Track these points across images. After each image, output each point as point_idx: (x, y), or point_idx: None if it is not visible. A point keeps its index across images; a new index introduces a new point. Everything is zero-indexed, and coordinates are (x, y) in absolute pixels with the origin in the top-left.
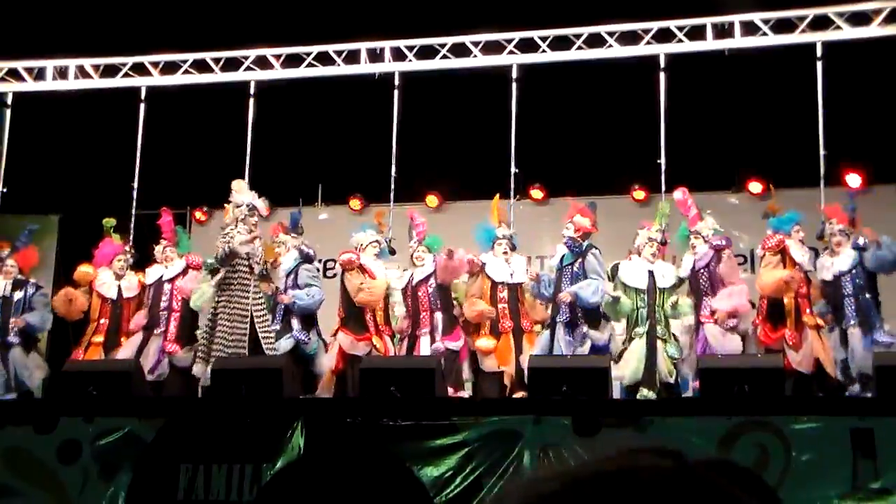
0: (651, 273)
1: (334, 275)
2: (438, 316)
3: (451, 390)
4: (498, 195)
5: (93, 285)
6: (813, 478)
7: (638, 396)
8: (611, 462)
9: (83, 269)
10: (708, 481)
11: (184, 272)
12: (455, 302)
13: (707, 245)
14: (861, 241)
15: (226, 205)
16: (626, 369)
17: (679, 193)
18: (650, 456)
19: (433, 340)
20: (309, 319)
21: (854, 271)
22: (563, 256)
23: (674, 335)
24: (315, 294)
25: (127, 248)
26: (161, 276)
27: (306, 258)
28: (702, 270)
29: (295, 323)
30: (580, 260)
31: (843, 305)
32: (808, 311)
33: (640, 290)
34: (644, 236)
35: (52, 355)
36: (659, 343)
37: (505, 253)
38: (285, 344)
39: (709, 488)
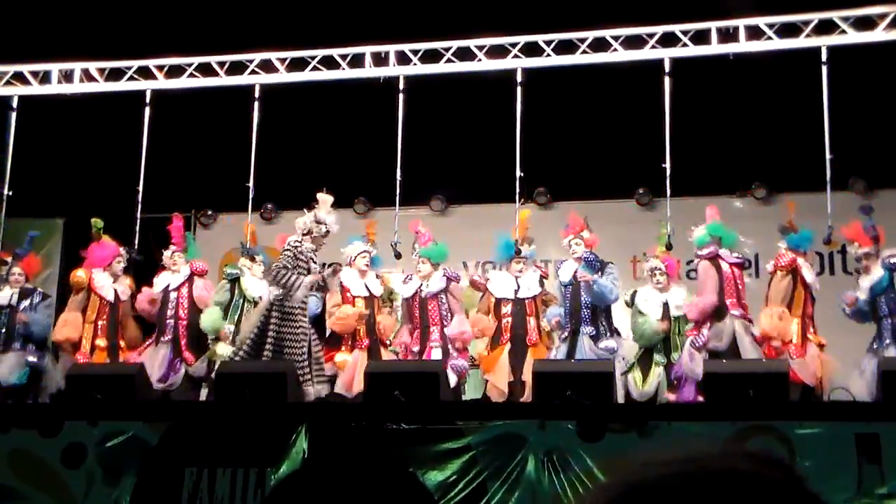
0: (665, 304)
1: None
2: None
3: None
4: (528, 210)
5: (91, 286)
6: (817, 483)
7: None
8: (718, 461)
9: (78, 275)
10: (817, 497)
11: (189, 280)
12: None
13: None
14: (890, 260)
15: (305, 210)
16: (646, 388)
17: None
18: (758, 463)
19: (445, 354)
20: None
21: (887, 293)
22: (577, 270)
23: None
24: (310, 305)
25: (122, 251)
26: (168, 285)
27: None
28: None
29: None
30: (598, 275)
31: (879, 327)
32: (811, 330)
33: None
34: (646, 269)
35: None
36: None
37: (520, 272)
38: None
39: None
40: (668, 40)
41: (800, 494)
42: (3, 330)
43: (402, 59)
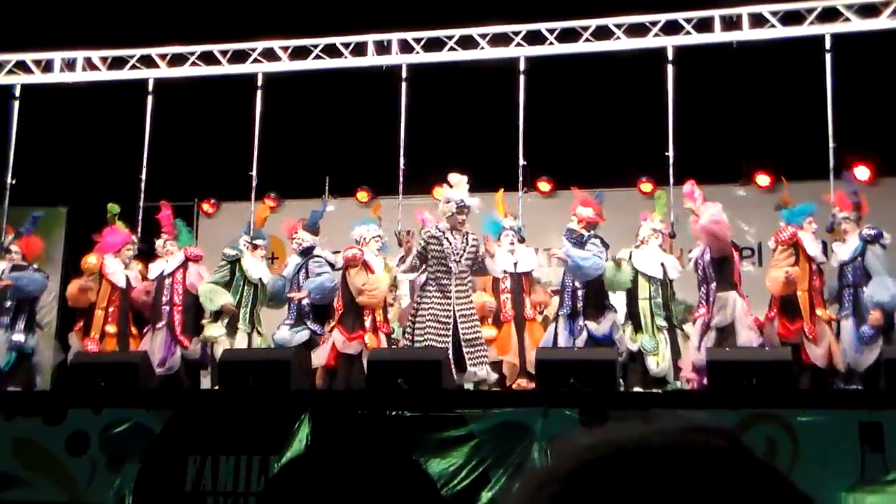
0: (662, 264)
1: (339, 268)
2: None
3: None
4: (501, 189)
5: (103, 272)
6: (821, 471)
7: (670, 388)
8: (663, 436)
9: (90, 260)
10: (765, 465)
11: (184, 265)
12: None
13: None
14: (868, 232)
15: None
16: (664, 363)
17: (687, 186)
18: (704, 434)
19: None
20: (322, 313)
21: (855, 262)
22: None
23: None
24: (324, 279)
25: (134, 238)
26: (163, 271)
27: (305, 252)
28: (698, 260)
29: (309, 316)
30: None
31: (842, 296)
32: (821, 304)
33: (655, 278)
34: (648, 227)
35: (61, 339)
36: (678, 332)
37: (511, 244)
38: (299, 336)
39: (765, 471)
40: (671, 28)
41: (745, 463)
42: None
43: (405, 47)
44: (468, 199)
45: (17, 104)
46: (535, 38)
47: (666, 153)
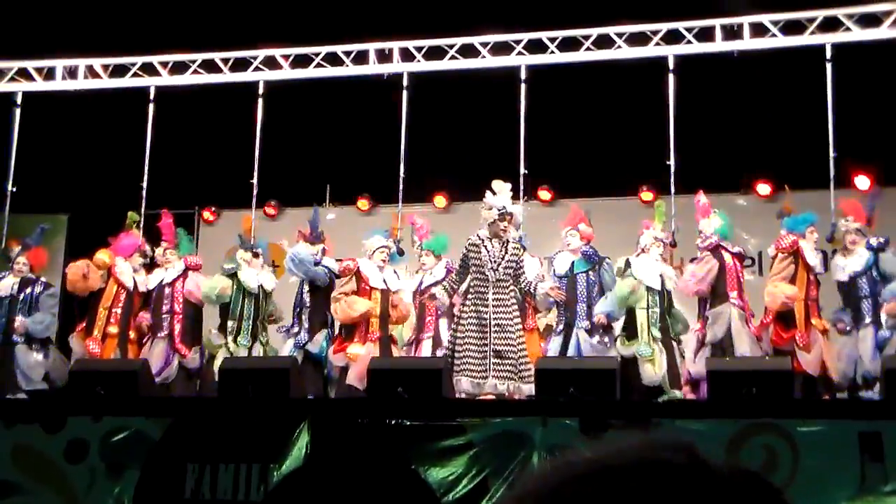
0: (661, 275)
1: (339, 276)
2: (443, 323)
3: None
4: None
5: (112, 271)
6: (820, 481)
7: (668, 397)
8: (626, 454)
9: (101, 256)
10: (724, 476)
11: (183, 274)
12: None
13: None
14: (875, 241)
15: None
16: (660, 371)
17: (697, 197)
18: (665, 450)
19: (436, 346)
20: (320, 322)
21: (870, 272)
22: (574, 263)
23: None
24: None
25: (147, 248)
26: (162, 280)
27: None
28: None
29: (305, 325)
30: (595, 269)
31: (860, 307)
32: (817, 314)
33: (654, 289)
34: (649, 236)
35: (61, 345)
36: (674, 343)
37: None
38: (290, 347)
39: (725, 482)
40: (673, 37)
41: (703, 475)
42: (4, 321)
43: (406, 55)
44: (510, 206)
45: (18, 111)
46: (536, 46)
47: (667, 162)
